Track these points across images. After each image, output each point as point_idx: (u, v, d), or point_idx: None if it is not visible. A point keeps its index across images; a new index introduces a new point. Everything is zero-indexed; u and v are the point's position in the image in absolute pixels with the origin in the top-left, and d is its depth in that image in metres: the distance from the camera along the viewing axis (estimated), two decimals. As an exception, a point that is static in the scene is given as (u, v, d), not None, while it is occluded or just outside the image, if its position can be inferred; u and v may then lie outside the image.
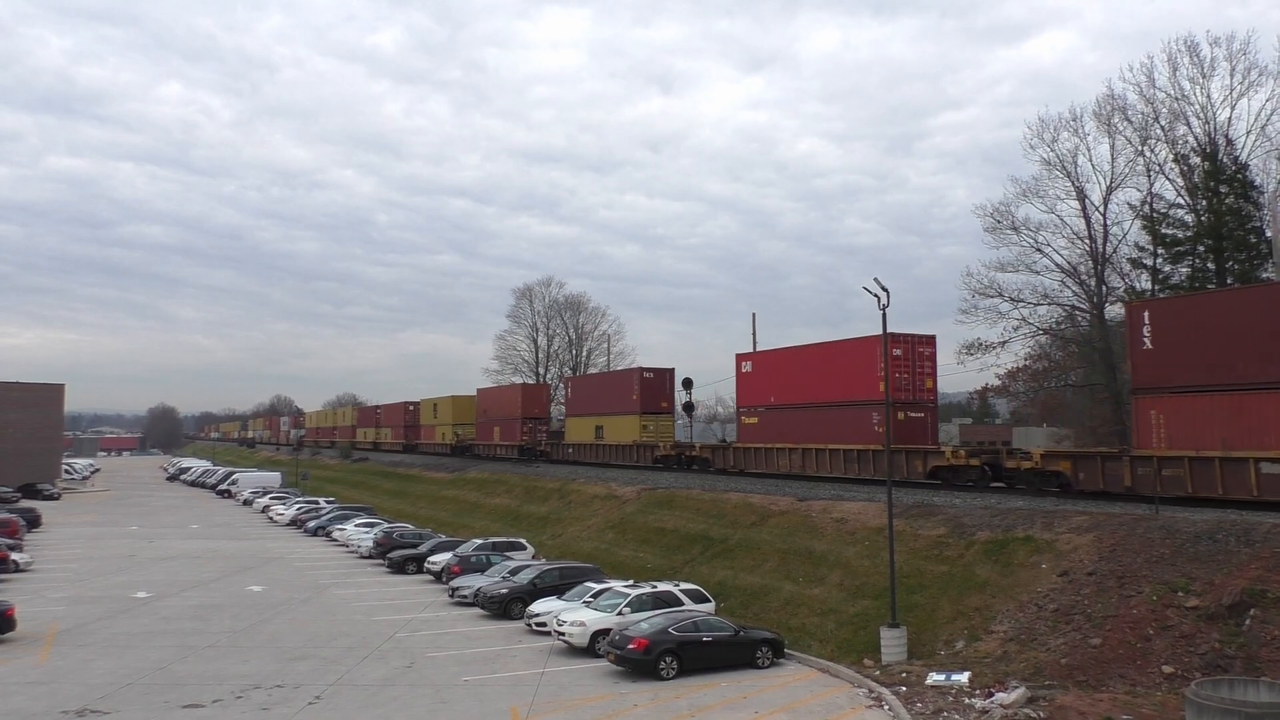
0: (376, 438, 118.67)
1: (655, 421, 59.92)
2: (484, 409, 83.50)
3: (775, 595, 31.18)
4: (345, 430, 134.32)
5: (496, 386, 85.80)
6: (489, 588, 33.57)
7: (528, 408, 74.64)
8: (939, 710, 20.19)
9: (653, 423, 59.81)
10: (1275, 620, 20.00)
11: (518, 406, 75.05)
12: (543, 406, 76.46)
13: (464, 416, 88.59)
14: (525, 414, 73.98)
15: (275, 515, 68.80)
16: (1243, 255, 47.71)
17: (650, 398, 59.88)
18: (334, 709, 21.46)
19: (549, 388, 77.38)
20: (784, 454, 45.25)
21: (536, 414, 75.03)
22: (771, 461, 46.06)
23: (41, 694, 22.39)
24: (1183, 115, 49.77)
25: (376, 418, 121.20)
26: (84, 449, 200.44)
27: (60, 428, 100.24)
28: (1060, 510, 29.37)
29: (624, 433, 61.04)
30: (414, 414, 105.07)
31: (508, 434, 77.00)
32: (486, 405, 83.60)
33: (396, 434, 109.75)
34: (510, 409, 76.69)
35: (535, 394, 77.52)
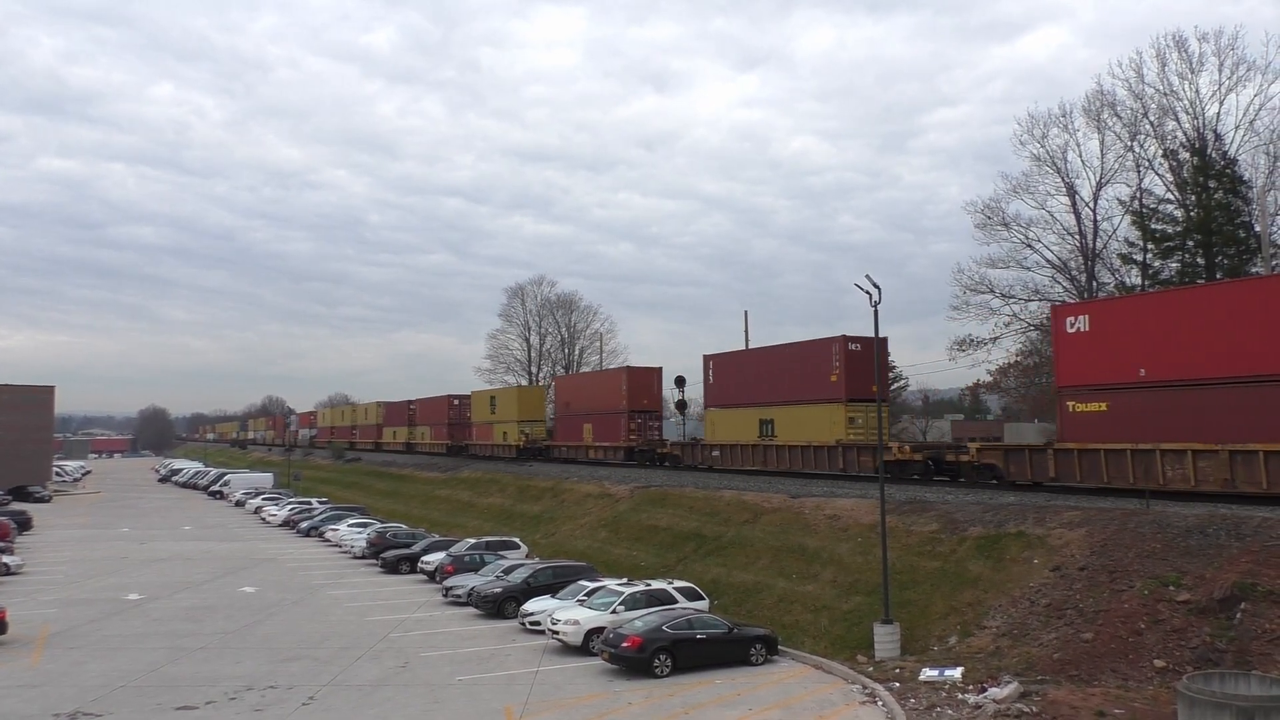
0: (410, 438, 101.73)
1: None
2: (566, 400, 70.59)
3: (769, 592, 31.22)
4: (367, 430, 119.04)
5: (589, 372, 71.68)
6: (483, 587, 33.54)
7: (635, 397, 59.65)
8: (932, 706, 20.24)
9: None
10: (1266, 614, 20.09)
11: (621, 396, 60.18)
12: (654, 396, 60.93)
13: (532, 411, 76.44)
14: (632, 405, 59.37)
15: (268, 516, 68.61)
16: (1232, 250, 47.93)
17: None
18: (328, 710, 21.42)
19: (660, 371, 61.18)
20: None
21: (646, 405, 60.63)
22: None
23: (34, 696, 22.31)
24: (1172, 111, 50.01)
25: (409, 415, 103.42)
26: (75, 451, 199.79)
27: (51, 430, 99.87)
28: (1052, 506, 29.46)
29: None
30: (460, 409, 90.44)
31: (605, 431, 62.61)
32: (570, 396, 70.15)
33: (438, 433, 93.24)
34: (609, 399, 62.03)
35: (644, 380, 61.25)
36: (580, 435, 66.37)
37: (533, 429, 75.07)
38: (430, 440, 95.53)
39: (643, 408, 60.40)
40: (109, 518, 72.89)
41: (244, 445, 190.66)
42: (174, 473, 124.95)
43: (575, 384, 71.87)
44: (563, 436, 70.67)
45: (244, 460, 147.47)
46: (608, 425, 62.00)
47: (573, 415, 68.46)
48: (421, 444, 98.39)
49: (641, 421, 59.65)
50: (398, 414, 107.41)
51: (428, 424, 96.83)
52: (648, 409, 60.71)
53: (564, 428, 70.51)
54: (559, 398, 72.94)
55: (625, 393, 59.95)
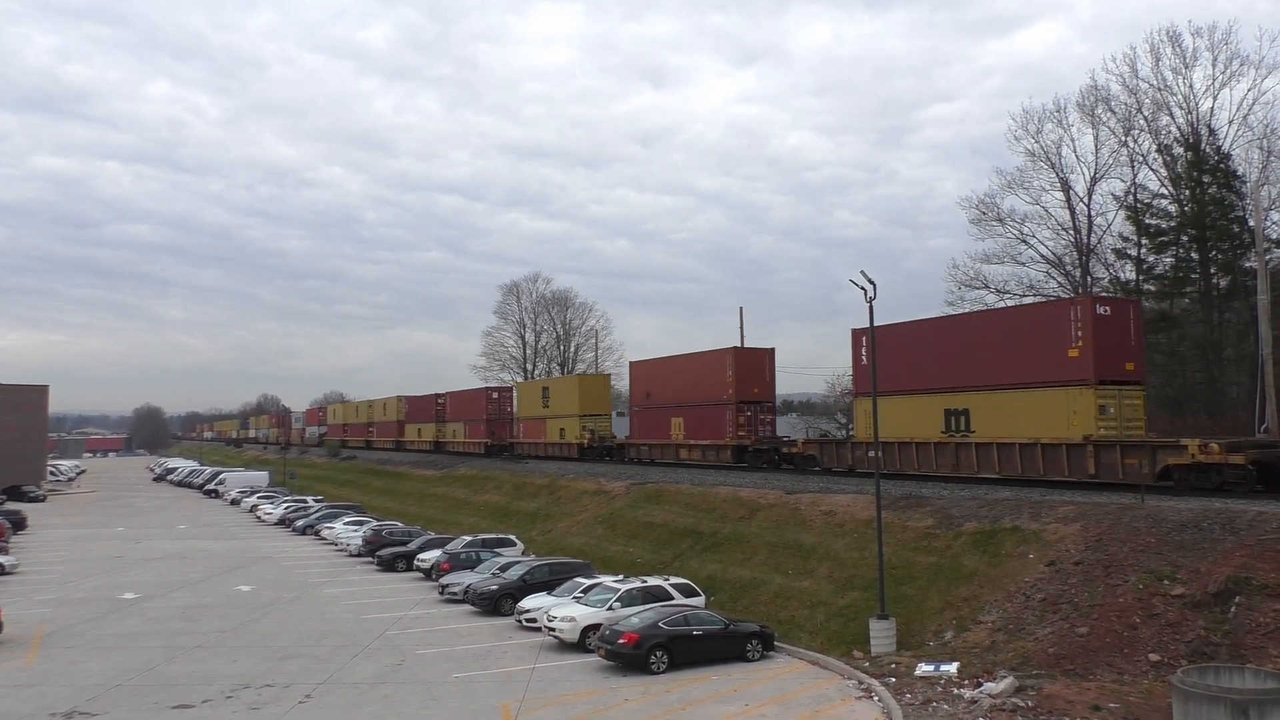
0: (439, 436, 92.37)
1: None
2: (646, 389, 58.82)
3: (765, 588, 31.26)
4: (386, 427, 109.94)
5: (679, 355, 57.35)
6: (479, 584, 33.54)
7: (744, 384, 49.58)
8: (928, 701, 20.29)
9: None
10: (1260, 607, 20.16)
11: (725, 382, 50.17)
12: (765, 383, 50.49)
13: (596, 403, 66.85)
14: (740, 394, 49.54)
15: (263, 514, 68.52)
16: (1225, 245, 48.05)
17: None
18: (324, 708, 21.41)
19: (772, 353, 51.28)
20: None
21: (757, 394, 49.95)
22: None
23: (30, 696, 22.28)
24: (1165, 106, 50.14)
25: (438, 410, 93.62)
26: (69, 450, 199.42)
27: (45, 429, 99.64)
28: (1047, 500, 29.53)
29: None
30: (500, 403, 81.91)
31: (703, 427, 52.06)
32: (652, 383, 58.35)
33: (474, 431, 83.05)
34: (708, 386, 51.71)
35: (753, 363, 50.61)
36: (666, 431, 55.57)
37: (598, 424, 65.41)
38: (464, 439, 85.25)
39: (753, 397, 49.77)
40: (104, 517, 72.75)
41: (240, 444, 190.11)
42: (169, 471, 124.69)
43: (659, 369, 58.27)
44: (642, 433, 58.80)
45: (239, 459, 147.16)
46: (707, 419, 51.40)
47: (655, 408, 57.27)
48: (453, 443, 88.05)
49: (752, 414, 49.55)
50: (423, 409, 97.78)
51: (460, 420, 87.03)
52: (759, 399, 50.01)
53: (644, 423, 58.73)
54: (636, 386, 60.37)
55: (732, 378, 49.47)
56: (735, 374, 49.61)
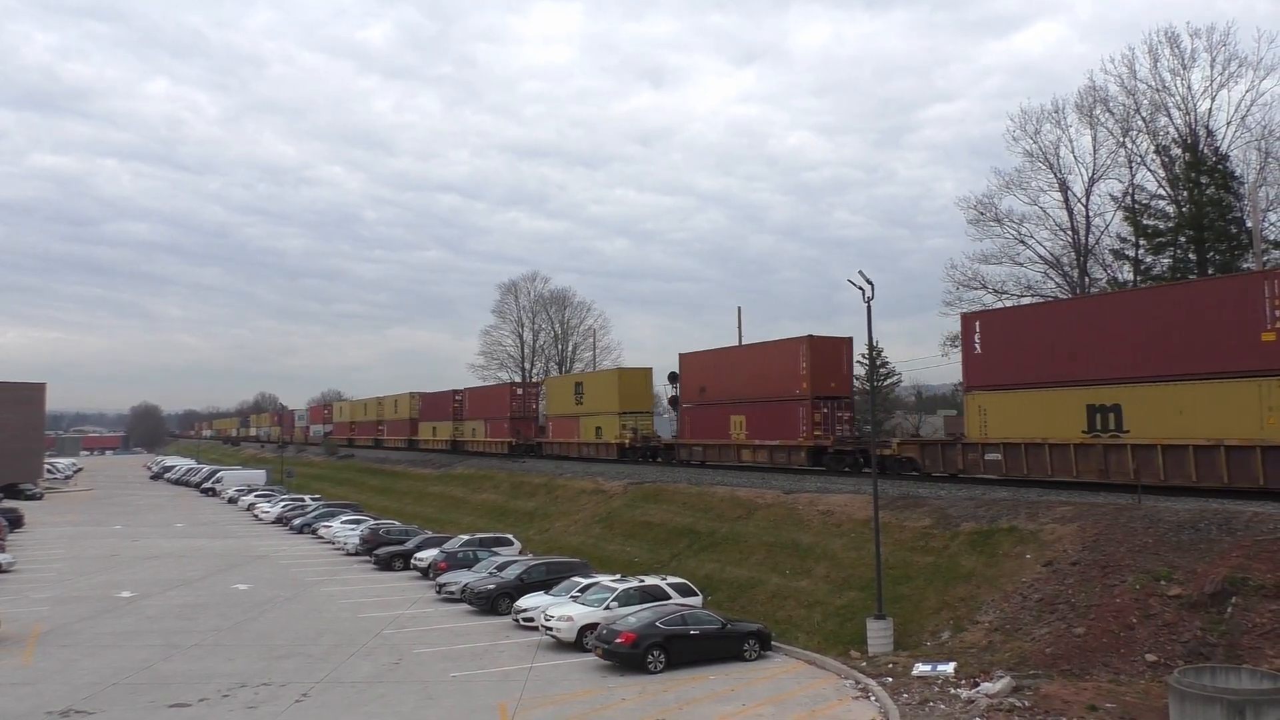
0: (456, 435, 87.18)
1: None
2: (701, 384, 52.58)
3: (762, 588, 31.27)
4: (398, 425, 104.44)
5: (741, 346, 52.76)
6: (476, 583, 33.53)
7: (820, 377, 43.86)
8: (925, 700, 20.30)
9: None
10: (1256, 608, 20.19)
11: (799, 376, 44.32)
12: (843, 376, 45.09)
13: (638, 399, 61.35)
14: (816, 389, 43.71)
15: (260, 513, 68.48)
16: (1223, 245, 48.08)
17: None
18: (321, 706, 21.40)
19: (850, 343, 45.83)
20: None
21: (834, 389, 44.36)
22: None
23: (26, 695, 22.25)
24: (1163, 106, 50.16)
25: (455, 407, 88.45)
26: (66, 448, 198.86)
27: (42, 427, 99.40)
28: (1044, 501, 29.55)
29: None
30: (525, 400, 77.04)
31: (771, 425, 45.56)
32: (711, 379, 51.82)
33: (496, 429, 77.86)
34: (777, 380, 45.50)
35: (830, 354, 44.70)
36: (724, 431, 49.53)
37: (640, 422, 59.91)
38: (486, 438, 79.76)
39: (830, 392, 44.01)
40: (101, 515, 72.67)
41: (237, 442, 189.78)
42: (166, 470, 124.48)
43: (716, 362, 52.02)
44: (695, 432, 52.70)
45: (237, 457, 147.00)
46: (775, 417, 45.39)
47: (712, 404, 51.17)
48: (473, 442, 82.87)
49: (829, 412, 43.79)
50: (438, 406, 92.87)
51: (481, 418, 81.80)
52: (836, 394, 44.24)
53: (697, 421, 52.62)
54: (687, 380, 54.23)
55: (806, 371, 43.74)
56: (810, 366, 43.71)
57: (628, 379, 61.49)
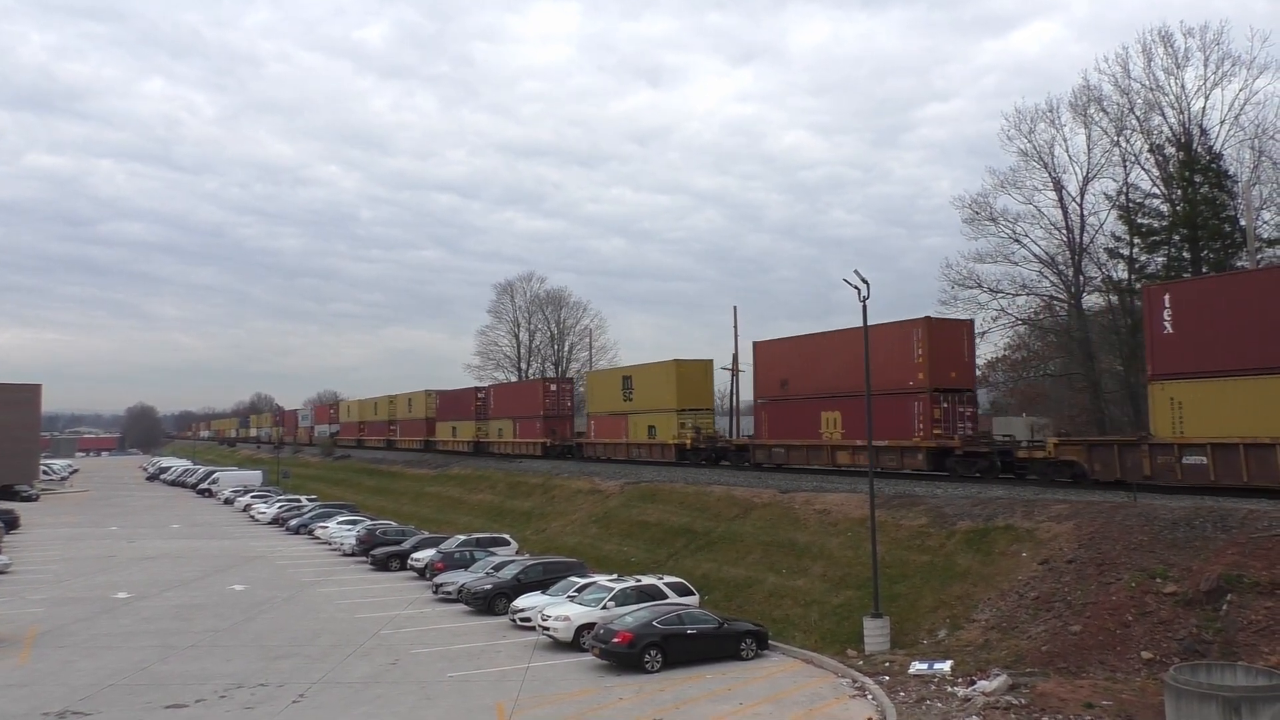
0: (480, 436, 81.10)
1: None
2: (782, 376, 45.19)
3: (759, 587, 31.31)
4: (412, 425, 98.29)
5: (833, 331, 42.98)
6: (473, 584, 33.53)
7: (939, 368, 37.64)
8: (922, 699, 20.34)
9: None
10: (1252, 605, 20.26)
11: (914, 366, 37.88)
12: (964, 366, 38.84)
13: (697, 395, 54.88)
14: (936, 381, 37.43)
15: (257, 514, 68.39)
16: (1217, 244, 48.18)
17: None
18: (318, 707, 21.40)
19: (970, 326, 40.82)
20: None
21: (955, 380, 38.09)
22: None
23: (22, 696, 22.22)
24: (1157, 105, 50.20)
25: (479, 405, 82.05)
26: (62, 449, 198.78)
27: (37, 428, 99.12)
28: (1040, 499, 29.62)
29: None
30: (560, 397, 71.09)
31: (880, 423, 36.11)
32: (795, 370, 44.34)
33: (527, 429, 72.23)
34: (887, 371, 37.91)
35: (949, 340, 38.56)
36: (814, 429, 42.72)
37: (701, 420, 54.13)
38: (515, 438, 74.03)
39: (950, 384, 37.84)
40: (97, 516, 72.55)
41: (233, 443, 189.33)
42: (162, 471, 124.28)
43: (801, 350, 44.36)
44: (776, 431, 45.67)
45: (233, 458, 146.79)
46: (883, 414, 37.18)
47: (796, 399, 44.08)
48: (500, 443, 76.87)
49: (949, 407, 37.75)
50: (459, 405, 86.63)
51: (510, 417, 75.85)
52: (957, 385, 38.15)
53: (778, 419, 45.61)
54: (763, 372, 46.90)
55: (923, 359, 37.40)
56: (928, 353, 37.38)
57: (686, 372, 54.72)
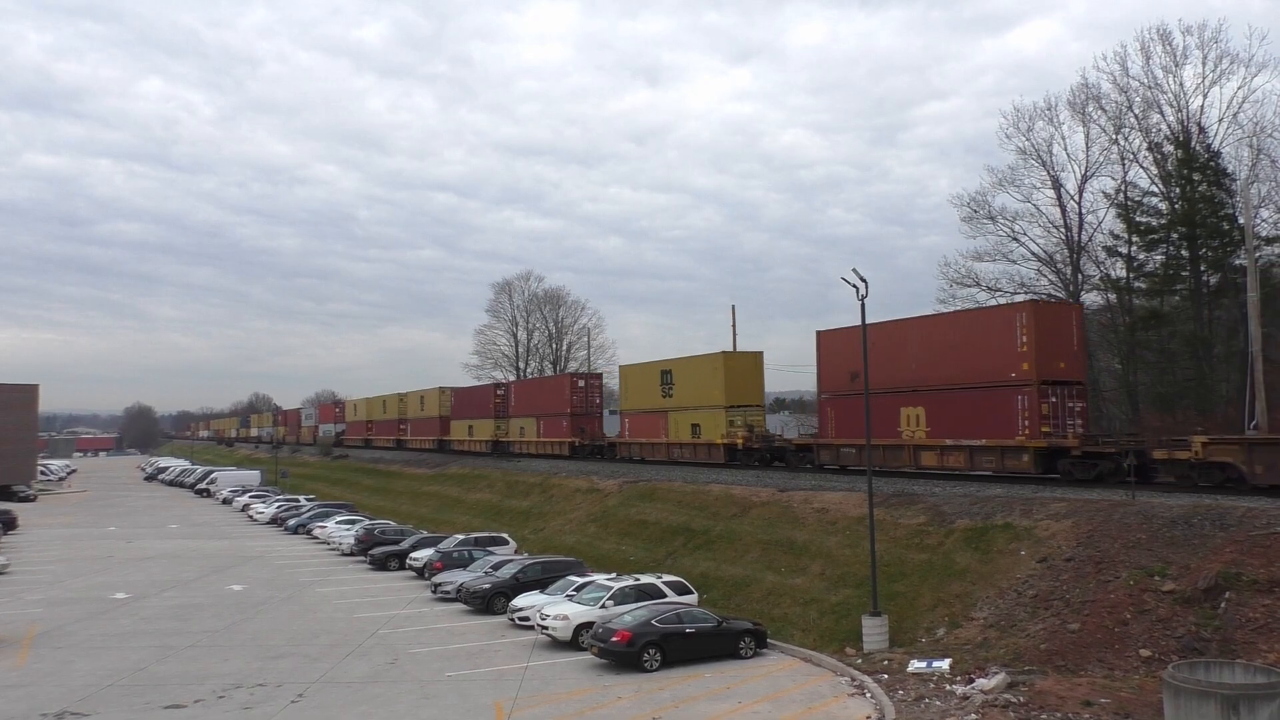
0: (500, 435, 77.50)
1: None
2: (854, 368, 39.62)
3: (757, 586, 31.31)
4: (424, 424, 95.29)
5: (916, 318, 39.96)
6: (471, 583, 33.53)
7: (1046, 357, 33.34)
8: (920, 697, 20.34)
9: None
10: (1250, 603, 20.27)
11: (1017, 355, 33.66)
12: (1073, 356, 34.43)
13: (747, 391, 50.36)
14: (1042, 373, 33.25)
15: (255, 514, 68.36)
16: (1215, 242, 48.20)
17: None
18: (317, 707, 21.37)
19: (1080, 311, 37.88)
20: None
21: (1064, 371, 33.99)
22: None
23: (20, 696, 22.18)
24: (1156, 104, 50.25)
25: (498, 403, 78.21)
26: (59, 450, 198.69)
27: (35, 429, 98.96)
28: (1039, 497, 29.63)
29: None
30: (588, 393, 67.20)
31: (973, 420, 35.13)
32: (860, 359, 33.64)
33: (553, 428, 68.29)
34: (983, 360, 34.85)
35: (1056, 325, 34.51)
36: (891, 427, 38.49)
37: (752, 418, 49.93)
38: (538, 437, 70.52)
39: (1059, 375, 33.61)
40: (95, 517, 72.49)
41: (231, 443, 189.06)
42: (160, 471, 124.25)
43: (876, 339, 36.81)
44: (844, 428, 41.29)
45: (231, 458, 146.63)
46: (978, 409, 34.55)
47: (870, 394, 32.48)
48: (521, 442, 73.50)
49: (1058, 401, 33.51)
50: (476, 403, 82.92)
51: (532, 415, 72.15)
52: (1066, 378, 33.92)
53: (846, 415, 41.14)
54: (828, 365, 42.53)
55: (1028, 346, 33.06)
56: (1035, 340, 33.07)
57: (736, 365, 50.41)
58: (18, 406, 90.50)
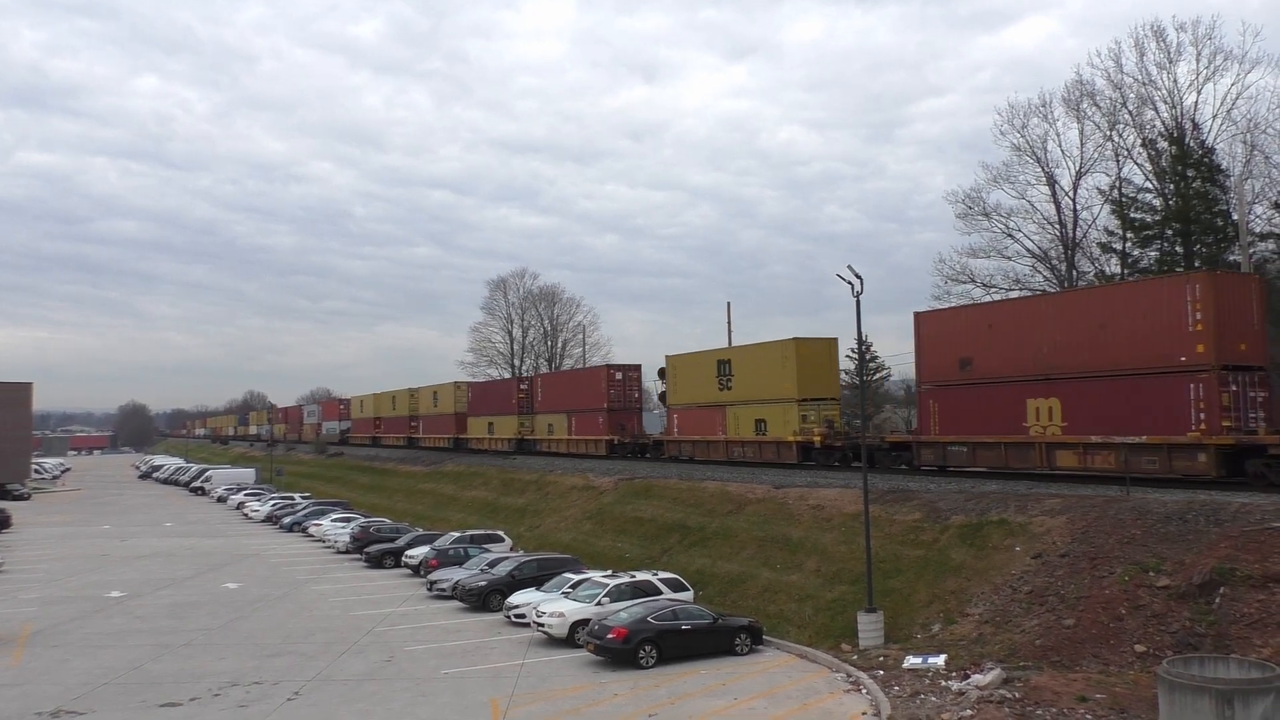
0: (525, 432, 73.05)
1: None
2: (964, 354, 35.84)
3: (753, 582, 31.33)
4: (437, 421, 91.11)
5: (1039, 296, 38.77)
6: (467, 580, 33.52)
7: (1226, 339, 28.81)
8: (916, 693, 20.38)
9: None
10: (1244, 598, 20.32)
11: (1185, 337, 29.10)
12: (1256, 336, 29.94)
13: (822, 382, 44.99)
14: (1221, 357, 28.64)
15: (250, 512, 68.31)
16: (1209, 238, 48.29)
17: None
18: (313, 705, 21.36)
19: (1263, 284, 32.39)
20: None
21: (1245, 354, 29.42)
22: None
23: (15, 695, 22.15)
24: (1150, 100, 50.30)
25: (522, 398, 73.48)
26: (54, 448, 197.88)
27: (29, 427, 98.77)
28: (1033, 493, 29.68)
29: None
30: (626, 386, 61.43)
31: (1126, 412, 30.42)
32: (982, 344, 35.25)
33: (587, 424, 62.95)
34: (1143, 342, 30.13)
35: (1234, 298, 29.63)
36: (1016, 421, 33.43)
37: (828, 412, 44.52)
38: (570, 435, 65.27)
39: (1239, 359, 29.03)
40: (89, 515, 72.35)
41: (226, 441, 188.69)
42: (154, 469, 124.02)
43: (994, 319, 35.21)
44: (950, 423, 36.15)
45: (225, 456, 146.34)
46: (1133, 400, 30.13)
47: (985, 383, 34.81)
48: (552, 440, 68.50)
49: (1238, 390, 28.83)
50: (497, 398, 78.39)
51: (563, 411, 67.11)
52: (1248, 362, 29.35)
53: (954, 408, 36.14)
54: (931, 350, 37.58)
55: (1204, 324, 28.59)
56: (1212, 318, 28.33)
57: (809, 353, 44.77)
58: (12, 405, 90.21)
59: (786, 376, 44.77)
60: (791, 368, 44.38)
